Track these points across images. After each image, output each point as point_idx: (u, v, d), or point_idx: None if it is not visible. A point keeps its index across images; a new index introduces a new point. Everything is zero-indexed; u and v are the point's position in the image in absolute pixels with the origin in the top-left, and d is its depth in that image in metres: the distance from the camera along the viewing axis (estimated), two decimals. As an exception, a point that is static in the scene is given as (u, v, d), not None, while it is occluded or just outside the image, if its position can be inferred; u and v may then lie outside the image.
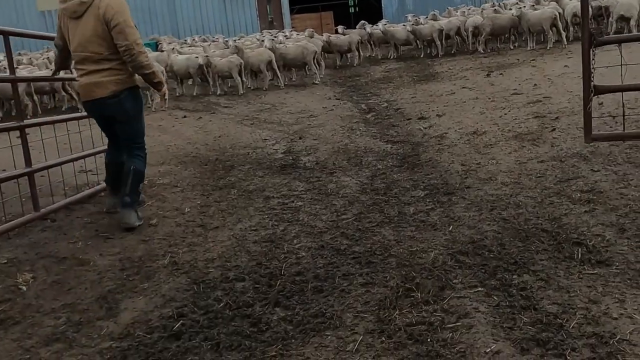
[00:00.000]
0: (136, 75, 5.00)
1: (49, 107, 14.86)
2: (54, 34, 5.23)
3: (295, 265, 3.90)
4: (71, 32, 4.90)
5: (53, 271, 4.15)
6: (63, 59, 5.34)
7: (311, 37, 18.03)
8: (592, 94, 5.60)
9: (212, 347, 3.00)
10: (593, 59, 5.56)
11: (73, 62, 5.13)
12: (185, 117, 11.49)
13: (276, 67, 14.70)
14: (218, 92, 14.46)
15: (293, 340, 2.99)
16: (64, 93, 13.71)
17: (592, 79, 5.61)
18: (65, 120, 6.29)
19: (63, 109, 13.83)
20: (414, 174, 5.94)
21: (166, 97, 5.38)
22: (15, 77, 5.69)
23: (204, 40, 22.07)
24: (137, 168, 5.06)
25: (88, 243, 4.69)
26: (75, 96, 13.34)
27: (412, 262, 3.75)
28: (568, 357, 2.60)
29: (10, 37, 5.30)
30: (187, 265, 4.09)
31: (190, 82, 15.45)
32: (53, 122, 6.06)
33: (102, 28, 4.75)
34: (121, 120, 5.04)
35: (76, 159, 6.20)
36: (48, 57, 16.82)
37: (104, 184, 5.88)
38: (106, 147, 5.60)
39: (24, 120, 5.46)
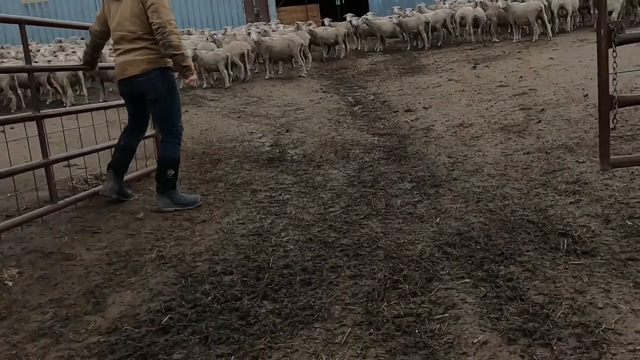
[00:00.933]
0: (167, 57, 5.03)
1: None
2: (69, 21, 5.50)
3: (283, 258, 3.90)
4: (112, 13, 5.12)
5: (39, 266, 4.12)
6: (95, 47, 5.51)
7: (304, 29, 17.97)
8: (615, 107, 4.03)
9: (201, 340, 3.00)
10: (614, 62, 3.99)
11: (112, 42, 5.27)
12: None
13: (247, 60, 14.71)
14: (204, 85, 14.39)
15: (281, 333, 2.99)
16: (48, 87, 13.58)
17: (614, 87, 4.04)
18: (83, 111, 6.19)
19: (47, 102, 13.69)
20: (401, 166, 5.96)
21: (194, 84, 5.40)
22: (31, 66, 5.57)
23: (189, 33, 21.94)
24: (163, 157, 5.21)
25: (74, 237, 4.66)
26: (59, 89, 13.22)
27: (399, 254, 3.76)
28: (554, 347, 2.63)
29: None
30: (175, 259, 4.08)
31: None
32: (70, 113, 5.99)
33: (139, 7, 4.94)
34: (152, 99, 5.14)
35: (93, 152, 6.07)
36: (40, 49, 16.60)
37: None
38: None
39: (41, 111, 5.33)
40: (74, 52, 14.69)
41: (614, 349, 2.60)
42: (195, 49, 14.51)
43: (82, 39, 21.63)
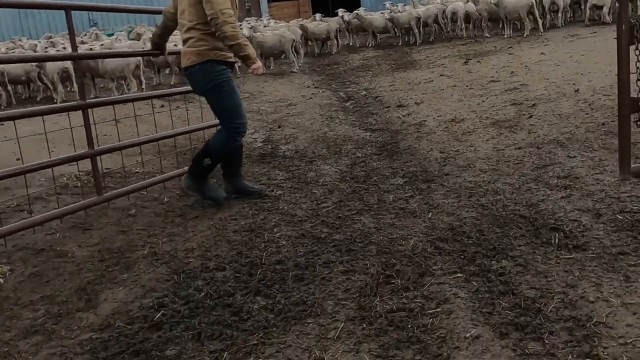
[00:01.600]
0: (221, 49, 4.77)
1: (23, 97, 14.62)
2: (118, 5, 5.82)
3: (275, 254, 3.90)
4: (179, 1, 4.94)
5: (31, 263, 4.11)
6: (164, 29, 5.38)
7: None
8: (637, 112, 3.70)
9: (194, 336, 3.00)
10: (638, 61, 3.63)
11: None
12: (162, 106, 11.38)
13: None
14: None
15: (274, 329, 3.00)
16: (39, 83, 13.49)
17: (639, 88, 3.67)
18: (130, 100, 6.08)
19: (38, 99, 13.61)
20: (393, 161, 5.97)
21: (258, 72, 4.87)
22: (77, 53, 5.36)
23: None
24: (210, 143, 4.99)
25: (66, 234, 4.65)
26: (50, 85, 13.14)
27: (392, 249, 3.77)
28: (546, 341, 2.64)
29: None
30: (167, 255, 4.07)
31: (167, 71, 15.30)
32: (117, 102, 5.73)
33: None
34: (199, 94, 5.09)
35: (143, 143, 5.89)
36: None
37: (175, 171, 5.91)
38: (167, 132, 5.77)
39: (87, 100, 5.11)
40: (64, 48, 14.61)
41: (605, 342, 2.61)
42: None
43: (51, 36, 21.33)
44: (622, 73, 3.69)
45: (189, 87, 5.26)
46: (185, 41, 4.86)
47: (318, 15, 19.82)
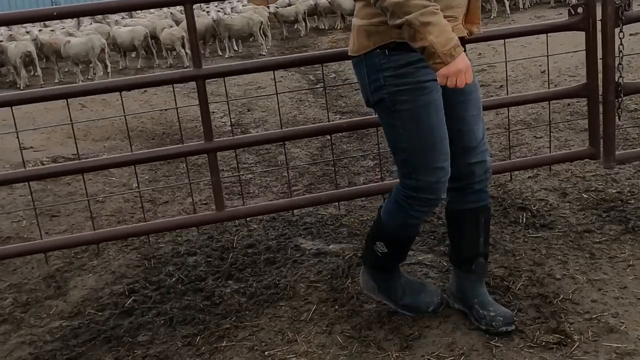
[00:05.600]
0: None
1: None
2: None
3: (247, 238, 3.89)
4: None
5: (-3, 251, 4.03)
6: None
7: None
8: (620, 96, 3.48)
9: (166, 322, 2.99)
10: (621, 44, 3.40)
11: None
12: (129, 90, 11.22)
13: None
14: (168, 64, 14.18)
15: (247, 312, 3.00)
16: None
17: (619, 72, 3.46)
18: (252, 71, 3.84)
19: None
20: (363, 144, 5.98)
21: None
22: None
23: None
24: (380, 215, 2.74)
25: (33, 222, 4.56)
26: (12, 70, 12.79)
27: (362, 232, 3.79)
28: (515, 318, 2.69)
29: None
30: (137, 241, 4.04)
31: (134, 54, 15.06)
32: (233, 73, 3.90)
33: None
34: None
35: None
36: None
37: None
38: None
39: (202, 68, 3.46)
40: (27, 32, 14.27)
41: (572, 318, 2.68)
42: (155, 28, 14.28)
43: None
44: (608, 58, 3.50)
45: None
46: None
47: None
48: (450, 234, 2.86)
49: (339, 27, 18.92)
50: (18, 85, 12.50)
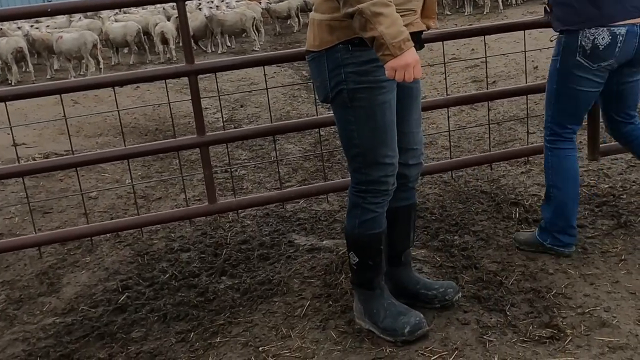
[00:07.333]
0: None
1: None
2: None
3: (240, 234, 3.89)
4: None
5: (-11, 248, 4.02)
6: None
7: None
8: None
9: (159, 318, 2.99)
10: None
11: None
12: (122, 86, 11.18)
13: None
14: (160, 61, 14.12)
15: (241, 308, 3.00)
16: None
17: None
18: (243, 66, 3.92)
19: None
20: (357, 139, 5.97)
21: None
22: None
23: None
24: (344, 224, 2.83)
25: (25, 218, 4.55)
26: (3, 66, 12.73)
27: (356, 227, 3.79)
28: (508, 313, 2.71)
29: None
30: (130, 237, 4.03)
31: (126, 50, 15.01)
32: (226, 68, 4.02)
33: None
34: None
35: None
36: None
37: None
38: None
39: (195, 64, 3.57)
40: (18, 28, 14.17)
41: (564, 312, 2.70)
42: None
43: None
44: None
45: None
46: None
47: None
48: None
49: (332, 23, 18.91)
50: (9, 82, 12.44)
